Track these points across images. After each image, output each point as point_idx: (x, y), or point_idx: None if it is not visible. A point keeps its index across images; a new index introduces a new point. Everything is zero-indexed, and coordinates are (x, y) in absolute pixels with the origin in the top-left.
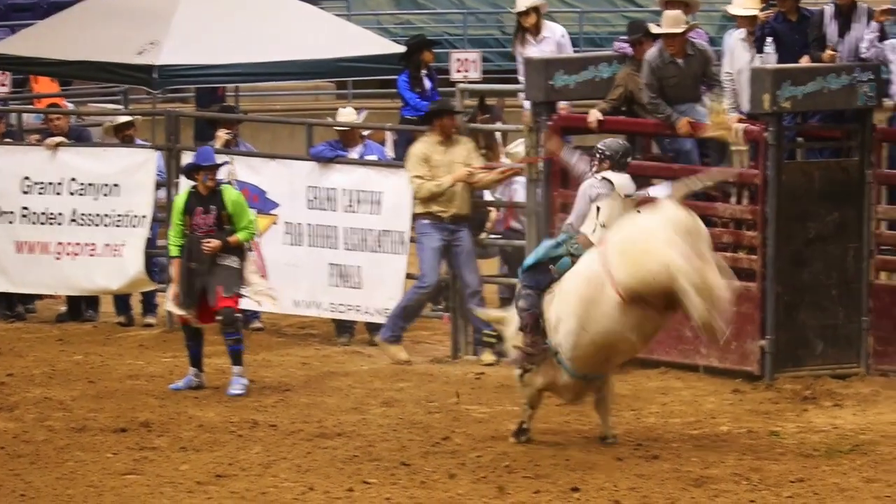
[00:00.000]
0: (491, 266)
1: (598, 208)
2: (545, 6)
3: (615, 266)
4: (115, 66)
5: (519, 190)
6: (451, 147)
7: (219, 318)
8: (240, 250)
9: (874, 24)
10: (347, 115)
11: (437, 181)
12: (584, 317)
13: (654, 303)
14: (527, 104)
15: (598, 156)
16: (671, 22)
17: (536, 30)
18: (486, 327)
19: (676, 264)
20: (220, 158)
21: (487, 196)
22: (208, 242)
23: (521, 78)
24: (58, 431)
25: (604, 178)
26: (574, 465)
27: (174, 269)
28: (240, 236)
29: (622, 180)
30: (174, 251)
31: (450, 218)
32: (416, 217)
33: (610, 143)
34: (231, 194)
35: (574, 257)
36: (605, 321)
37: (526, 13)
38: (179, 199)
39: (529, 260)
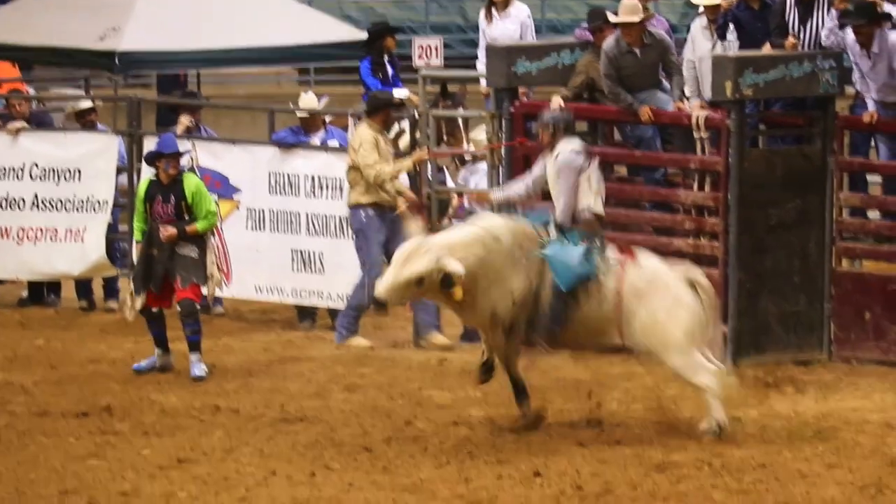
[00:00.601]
0: None
1: (588, 178)
2: None
3: None
4: (76, 51)
5: (482, 176)
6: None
7: (178, 309)
8: (200, 240)
9: (833, 12)
10: (309, 100)
11: (397, 165)
12: None
13: None
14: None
15: (551, 128)
16: (627, 11)
17: (504, 5)
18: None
19: None
20: (182, 146)
21: (449, 183)
22: (165, 229)
23: (480, 54)
24: (19, 416)
25: (574, 150)
26: (536, 450)
27: (138, 254)
28: (198, 226)
29: (575, 146)
30: (138, 236)
31: (391, 205)
32: (356, 207)
33: (555, 114)
34: (191, 183)
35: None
36: None
37: None
38: (141, 187)
39: (569, 281)
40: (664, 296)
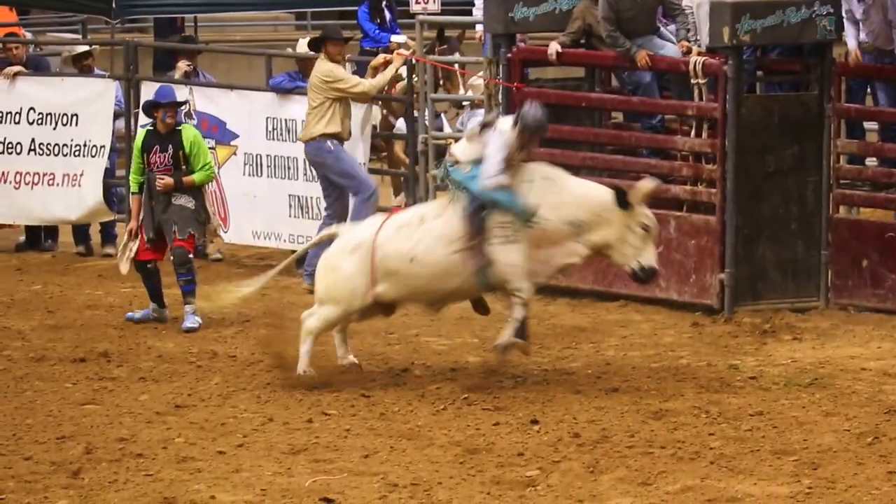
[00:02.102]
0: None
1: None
2: None
3: None
4: None
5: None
6: None
7: (171, 258)
8: (196, 190)
9: None
10: (306, 45)
11: (381, 77)
12: None
13: None
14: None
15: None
16: None
17: None
18: None
19: None
20: (180, 97)
21: (447, 128)
22: (161, 178)
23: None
24: (16, 361)
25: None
26: (533, 397)
27: (133, 205)
28: (195, 177)
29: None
30: (134, 188)
31: (347, 137)
32: (321, 139)
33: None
34: (189, 134)
35: None
36: None
37: None
38: (138, 138)
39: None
40: None
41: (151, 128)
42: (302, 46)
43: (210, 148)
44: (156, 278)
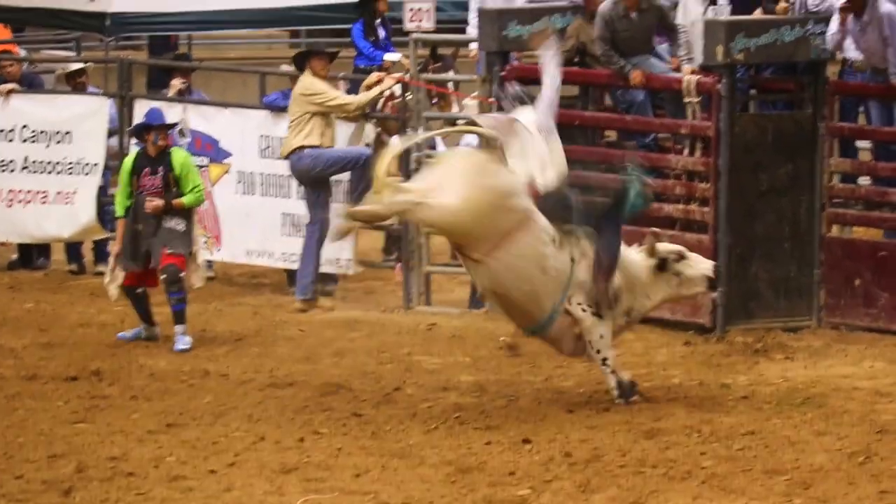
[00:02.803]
0: None
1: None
2: None
3: None
4: (68, 12)
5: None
6: None
7: (162, 276)
8: (186, 213)
9: None
10: (292, 62)
11: (368, 93)
12: None
13: None
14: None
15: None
16: None
17: None
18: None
19: None
20: (172, 116)
21: (440, 147)
22: (151, 201)
23: (471, 17)
24: (8, 379)
25: None
26: (525, 416)
27: (118, 229)
28: (185, 200)
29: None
30: (119, 211)
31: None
32: (300, 150)
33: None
34: (179, 156)
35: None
36: None
37: None
38: (127, 161)
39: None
40: None
41: (141, 150)
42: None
43: (203, 166)
44: (145, 301)
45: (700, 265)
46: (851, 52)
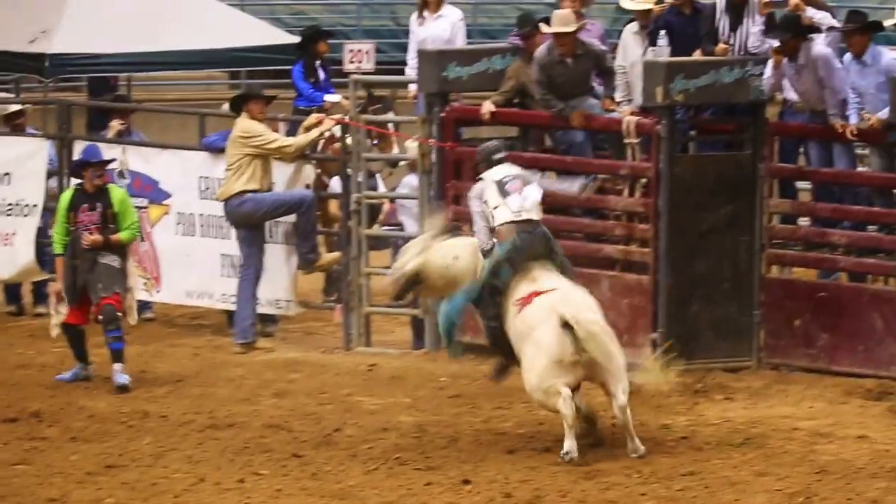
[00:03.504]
0: (383, 258)
1: (485, 199)
2: None
3: None
4: (6, 54)
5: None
6: None
7: (100, 316)
8: (122, 250)
9: (759, 18)
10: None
11: (307, 135)
12: None
13: None
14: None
15: (477, 165)
16: (561, 21)
17: (437, 6)
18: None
19: None
20: (108, 156)
21: (381, 188)
22: (88, 236)
23: (409, 58)
24: None
25: (478, 178)
26: (465, 457)
27: (58, 267)
28: (122, 236)
29: (491, 172)
30: (58, 249)
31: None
32: (240, 195)
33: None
34: (118, 193)
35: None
36: None
37: None
38: (65, 197)
39: (464, 299)
40: (530, 341)
41: (78, 187)
42: None
43: (143, 207)
44: (82, 339)
45: None
46: (791, 92)
